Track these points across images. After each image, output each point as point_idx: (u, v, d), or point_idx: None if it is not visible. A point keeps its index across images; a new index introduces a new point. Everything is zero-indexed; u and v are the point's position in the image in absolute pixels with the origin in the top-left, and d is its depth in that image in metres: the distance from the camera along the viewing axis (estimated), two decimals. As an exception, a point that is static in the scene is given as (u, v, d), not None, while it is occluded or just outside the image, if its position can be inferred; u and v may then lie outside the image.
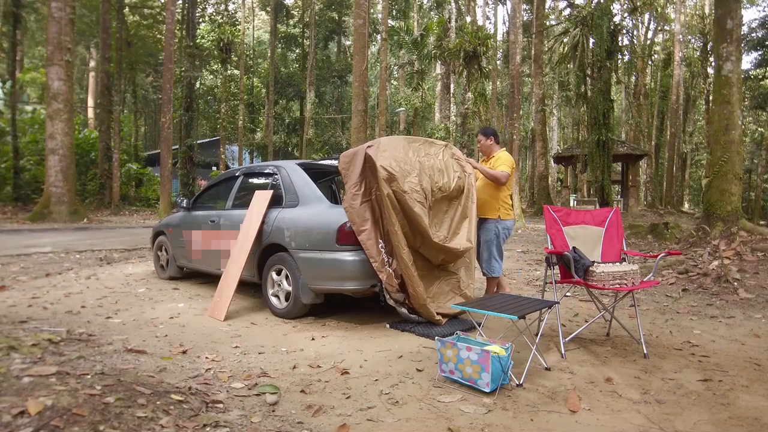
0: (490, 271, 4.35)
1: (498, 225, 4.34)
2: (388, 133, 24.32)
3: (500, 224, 4.34)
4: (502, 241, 4.40)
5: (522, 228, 14.11)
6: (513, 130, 16.11)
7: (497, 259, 4.37)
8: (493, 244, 4.33)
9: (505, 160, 4.35)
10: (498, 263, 4.38)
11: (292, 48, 33.44)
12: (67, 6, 13.19)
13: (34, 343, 2.68)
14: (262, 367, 2.90)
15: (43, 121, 15.25)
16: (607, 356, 3.19)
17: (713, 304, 4.65)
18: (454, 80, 24.78)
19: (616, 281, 3.23)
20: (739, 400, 2.50)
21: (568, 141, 34.15)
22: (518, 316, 2.62)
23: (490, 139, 4.53)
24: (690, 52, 31.58)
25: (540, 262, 7.14)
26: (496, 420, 2.26)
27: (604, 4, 15.52)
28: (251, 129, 31.20)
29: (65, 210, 13.37)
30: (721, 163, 6.89)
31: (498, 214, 4.34)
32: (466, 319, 3.93)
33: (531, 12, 27.08)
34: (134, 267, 6.65)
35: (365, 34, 11.65)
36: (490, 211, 4.35)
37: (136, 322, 3.88)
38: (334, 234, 3.76)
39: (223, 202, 5.16)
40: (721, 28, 7.14)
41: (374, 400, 2.47)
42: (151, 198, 22.45)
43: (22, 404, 1.80)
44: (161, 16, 22.94)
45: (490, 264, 4.35)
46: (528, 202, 29.36)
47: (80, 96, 31.31)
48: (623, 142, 22.17)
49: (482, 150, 4.60)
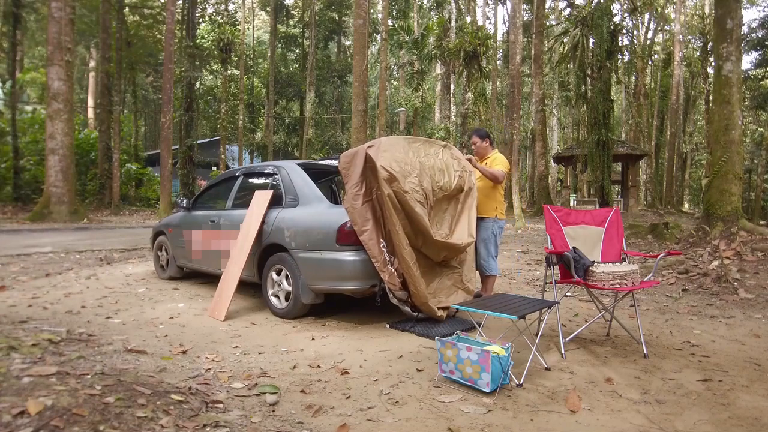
0: (488, 269, 4.40)
1: (495, 224, 4.44)
2: (388, 133, 24.33)
3: (497, 223, 4.46)
4: (498, 240, 4.49)
5: (522, 228, 14.11)
6: (513, 130, 16.12)
7: (494, 257, 4.44)
8: (490, 242, 4.41)
9: (501, 161, 4.48)
10: (495, 261, 4.44)
11: (292, 48, 33.44)
12: (67, 6, 13.19)
13: (34, 343, 2.67)
14: (262, 367, 2.90)
15: (43, 121, 15.25)
16: (607, 356, 3.19)
17: (713, 304, 4.65)
18: (454, 80, 24.77)
19: (616, 281, 3.23)
20: (739, 400, 2.50)
21: (568, 141, 34.14)
22: (518, 316, 2.62)
23: (485, 141, 4.59)
24: (690, 52, 31.58)
25: (540, 262, 7.14)
26: (496, 420, 2.26)
27: (604, 4, 15.52)
28: (251, 129, 31.21)
29: (65, 210, 13.37)
30: (721, 163, 6.89)
31: (495, 214, 4.45)
32: (466, 319, 3.93)
33: (531, 12, 27.08)
34: (134, 267, 6.65)
35: (365, 34, 11.65)
36: (488, 210, 4.43)
37: (136, 322, 3.88)
38: (334, 234, 3.75)
39: (223, 202, 5.16)
40: (721, 28, 7.14)
41: (374, 400, 2.47)
42: (151, 198, 22.45)
43: (22, 404, 1.80)
44: (161, 16, 22.94)
45: (488, 262, 4.40)
46: (528, 202, 29.36)
47: (80, 96, 31.32)
48: (623, 142, 22.17)
49: (477, 152, 4.64)
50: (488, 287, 4.48)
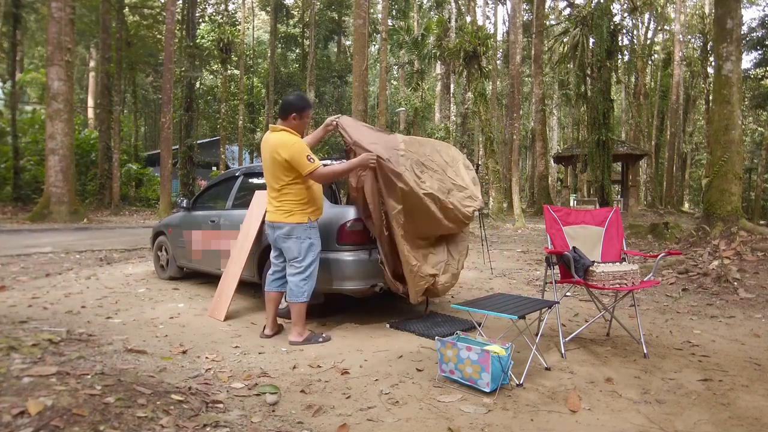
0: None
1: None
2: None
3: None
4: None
5: (522, 228, 14.12)
6: (513, 130, 16.12)
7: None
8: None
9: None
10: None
11: (292, 48, 33.44)
12: (67, 6, 13.20)
13: (34, 343, 2.67)
14: (262, 367, 2.90)
15: (43, 121, 15.26)
16: (607, 356, 3.19)
17: (713, 304, 4.65)
18: (454, 80, 24.78)
19: (616, 281, 3.23)
20: (739, 400, 2.50)
21: (568, 141, 34.15)
22: (518, 316, 2.62)
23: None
24: (690, 52, 31.57)
25: (540, 262, 7.14)
26: (496, 420, 2.26)
27: (604, 4, 15.52)
28: (251, 129, 31.20)
29: (65, 210, 13.37)
30: (721, 163, 6.89)
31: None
32: (466, 319, 3.93)
33: (531, 12, 27.07)
34: (134, 267, 6.65)
35: (365, 34, 11.65)
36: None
37: (136, 322, 3.88)
38: (334, 234, 3.75)
39: (223, 202, 5.15)
40: (721, 28, 7.13)
41: (374, 400, 2.47)
42: (151, 198, 22.45)
43: (22, 404, 1.80)
44: (161, 16, 22.93)
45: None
46: (528, 202, 29.35)
47: (80, 96, 31.31)
48: (623, 142, 22.17)
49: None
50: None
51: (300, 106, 3.50)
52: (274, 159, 3.37)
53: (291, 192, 3.40)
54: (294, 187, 3.40)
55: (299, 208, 3.41)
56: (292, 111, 3.46)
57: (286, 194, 3.41)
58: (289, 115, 3.47)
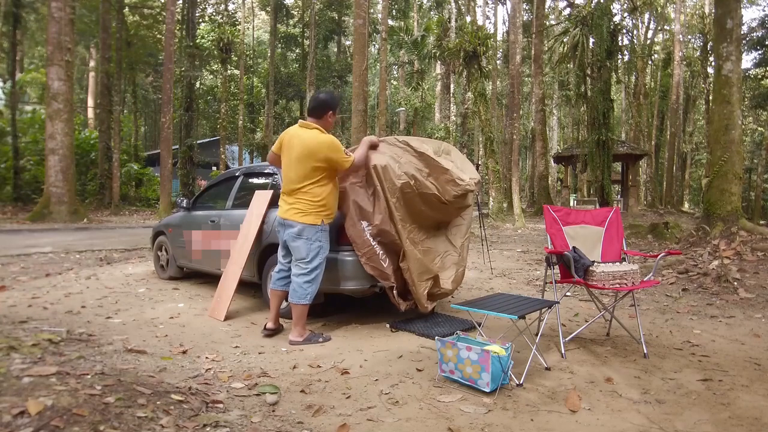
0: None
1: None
2: (388, 133, 24.31)
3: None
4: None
5: (522, 228, 14.12)
6: (513, 130, 16.12)
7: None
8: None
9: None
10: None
11: (292, 48, 33.44)
12: (67, 6, 13.19)
13: (34, 343, 2.67)
14: (262, 367, 2.90)
15: (43, 121, 15.25)
16: (607, 356, 3.19)
17: (713, 304, 4.65)
18: (454, 80, 24.79)
19: (616, 281, 3.23)
20: (739, 400, 2.50)
21: (568, 141, 34.14)
22: (518, 315, 2.62)
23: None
24: (690, 52, 31.58)
25: (540, 262, 7.14)
26: (496, 420, 2.26)
27: (604, 4, 15.51)
28: (251, 129, 31.21)
29: (65, 210, 13.37)
30: (721, 163, 6.89)
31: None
32: (466, 318, 3.93)
33: (531, 12, 27.06)
34: (134, 267, 6.65)
35: (365, 34, 11.64)
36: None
37: (136, 322, 3.88)
38: (334, 234, 3.75)
39: (223, 202, 5.15)
40: (721, 28, 7.13)
41: (374, 400, 2.47)
42: (151, 198, 22.45)
43: (22, 404, 1.80)
44: (161, 16, 22.93)
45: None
46: (528, 202, 29.34)
47: (80, 96, 31.30)
48: (623, 142, 22.16)
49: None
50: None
51: (335, 105, 3.56)
52: (309, 157, 3.34)
53: (311, 192, 3.39)
54: (316, 188, 3.39)
55: (314, 209, 3.40)
56: (329, 109, 3.50)
57: (305, 193, 3.39)
58: (325, 113, 3.49)
